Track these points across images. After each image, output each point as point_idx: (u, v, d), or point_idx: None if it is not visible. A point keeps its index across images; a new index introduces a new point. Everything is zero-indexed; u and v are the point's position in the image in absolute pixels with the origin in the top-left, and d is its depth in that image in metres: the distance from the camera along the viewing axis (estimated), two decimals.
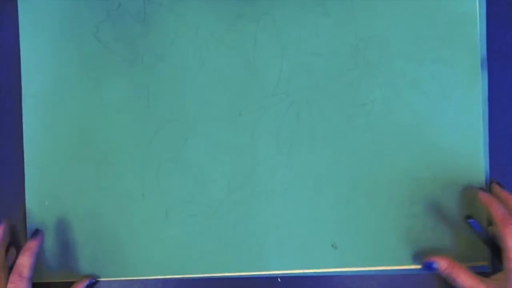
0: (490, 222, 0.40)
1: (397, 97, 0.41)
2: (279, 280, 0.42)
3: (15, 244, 0.42)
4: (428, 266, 0.39)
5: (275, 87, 0.42)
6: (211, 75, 0.42)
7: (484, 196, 0.39)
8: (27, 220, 0.42)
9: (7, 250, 0.40)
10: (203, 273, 0.41)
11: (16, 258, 0.39)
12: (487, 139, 0.42)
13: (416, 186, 0.41)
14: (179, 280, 0.42)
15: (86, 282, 0.41)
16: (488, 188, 0.41)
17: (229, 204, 0.42)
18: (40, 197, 0.42)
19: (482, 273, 0.41)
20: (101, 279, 0.42)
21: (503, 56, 0.43)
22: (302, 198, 0.41)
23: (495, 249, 0.40)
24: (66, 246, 0.42)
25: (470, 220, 0.40)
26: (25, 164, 0.42)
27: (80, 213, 0.42)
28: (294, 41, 0.42)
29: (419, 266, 0.41)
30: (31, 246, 0.39)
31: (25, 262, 0.38)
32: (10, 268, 0.39)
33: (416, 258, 0.41)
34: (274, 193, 0.41)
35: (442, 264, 0.38)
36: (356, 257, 0.41)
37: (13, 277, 0.38)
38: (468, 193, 0.41)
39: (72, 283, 0.41)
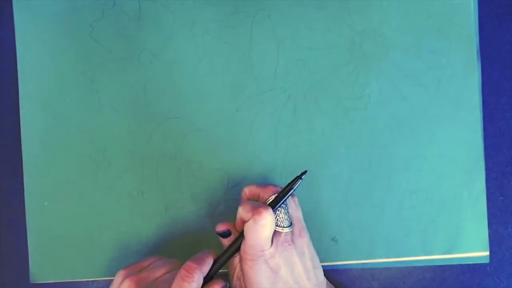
0: None
1: (394, 90, 0.41)
2: None
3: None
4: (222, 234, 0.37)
5: (272, 82, 0.42)
6: (207, 72, 0.42)
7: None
8: (27, 220, 0.42)
9: None
10: None
11: None
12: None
13: (415, 178, 0.41)
14: None
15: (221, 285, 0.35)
16: None
17: (228, 200, 0.42)
18: (40, 197, 0.42)
19: (481, 267, 0.41)
20: (101, 278, 0.42)
21: (500, 55, 0.43)
22: (301, 192, 0.41)
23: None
24: (66, 246, 0.42)
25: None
26: (23, 164, 0.42)
27: (80, 212, 0.42)
28: (290, 35, 0.42)
29: (419, 258, 0.41)
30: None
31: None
32: None
33: (416, 249, 0.41)
34: None
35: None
36: (356, 250, 0.41)
37: None
38: (467, 183, 0.41)
39: (71, 283, 0.41)
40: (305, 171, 0.37)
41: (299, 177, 0.36)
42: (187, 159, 0.42)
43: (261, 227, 0.33)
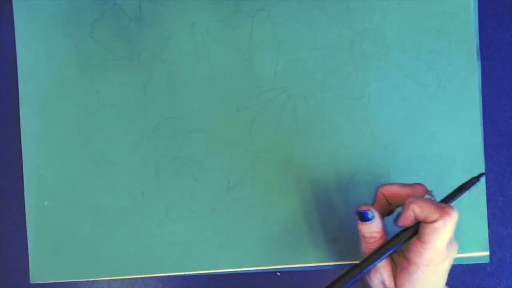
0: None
1: (394, 89, 0.41)
2: (278, 274, 0.42)
3: (15, 245, 0.42)
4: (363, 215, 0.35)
5: (272, 82, 0.42)
6: (207, 72, 0.42)
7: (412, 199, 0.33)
8: (27, 220, 0.42)
9: None
10: (203, 270, 0.41)
11: None
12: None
13: (415, 178, 0.41)
14: (180, 277, 0.42)
15: None
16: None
17: (228, 200, 0.42)
18: (40, 197, 0.42)
19: (481, 267, 0.41)
20: (101, 278, 0.42)
21: (500, 55, 0.43)
22: (301, 192, 0.41)
23: None
24: (66, 246, 0.42)
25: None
26: (23, 164, 0.42)
27: (80, 212, 0.42)
28: (290, 35, 0.42)
29: None
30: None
31: None
32: None
33: None
34: (273, 188, 0.41)
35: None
36: (356, 250, 0.41)
37: None
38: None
39: (71, 283, 0.41)
40: (483, 173, 0.34)
41: (476, 178, 0.34)
42: (187, 159, 0.42)
43: (449, 230, 0.31)
